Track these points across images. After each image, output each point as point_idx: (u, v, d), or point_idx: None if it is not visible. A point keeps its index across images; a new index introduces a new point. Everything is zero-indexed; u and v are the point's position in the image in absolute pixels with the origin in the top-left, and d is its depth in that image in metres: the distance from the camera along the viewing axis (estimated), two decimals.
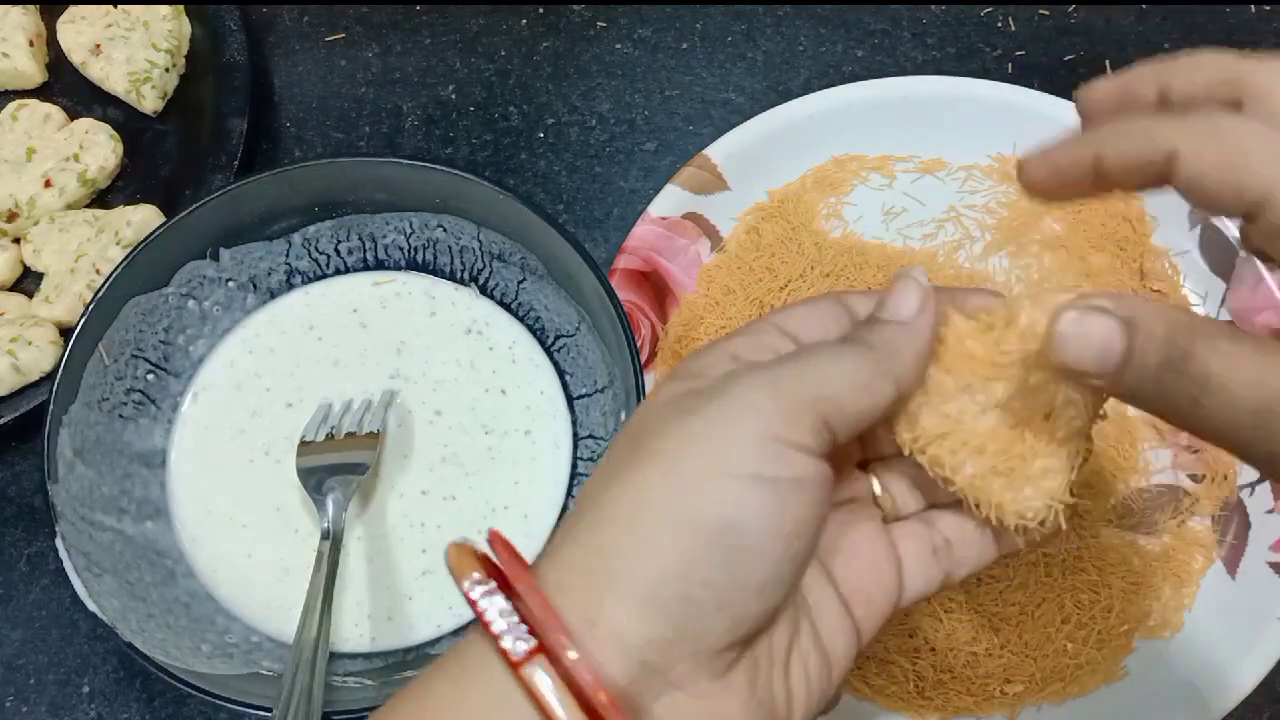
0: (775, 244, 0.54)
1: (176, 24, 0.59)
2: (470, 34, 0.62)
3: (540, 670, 0.25)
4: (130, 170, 0.58)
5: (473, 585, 0.26)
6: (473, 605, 0.26)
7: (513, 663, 0.25)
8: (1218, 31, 0.60)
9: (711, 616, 0.26)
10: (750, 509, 0.26)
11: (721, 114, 0.59)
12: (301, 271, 0.52)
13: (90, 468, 0.45)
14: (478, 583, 0.26)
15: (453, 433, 0.49)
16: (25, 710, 0.48)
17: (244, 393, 0.50)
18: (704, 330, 0.52)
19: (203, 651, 0.43)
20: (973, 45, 0.60)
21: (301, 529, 0.48)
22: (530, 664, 0.25)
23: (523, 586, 0.26)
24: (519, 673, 0.25)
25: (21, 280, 0.56)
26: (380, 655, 0.46)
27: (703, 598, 0.26)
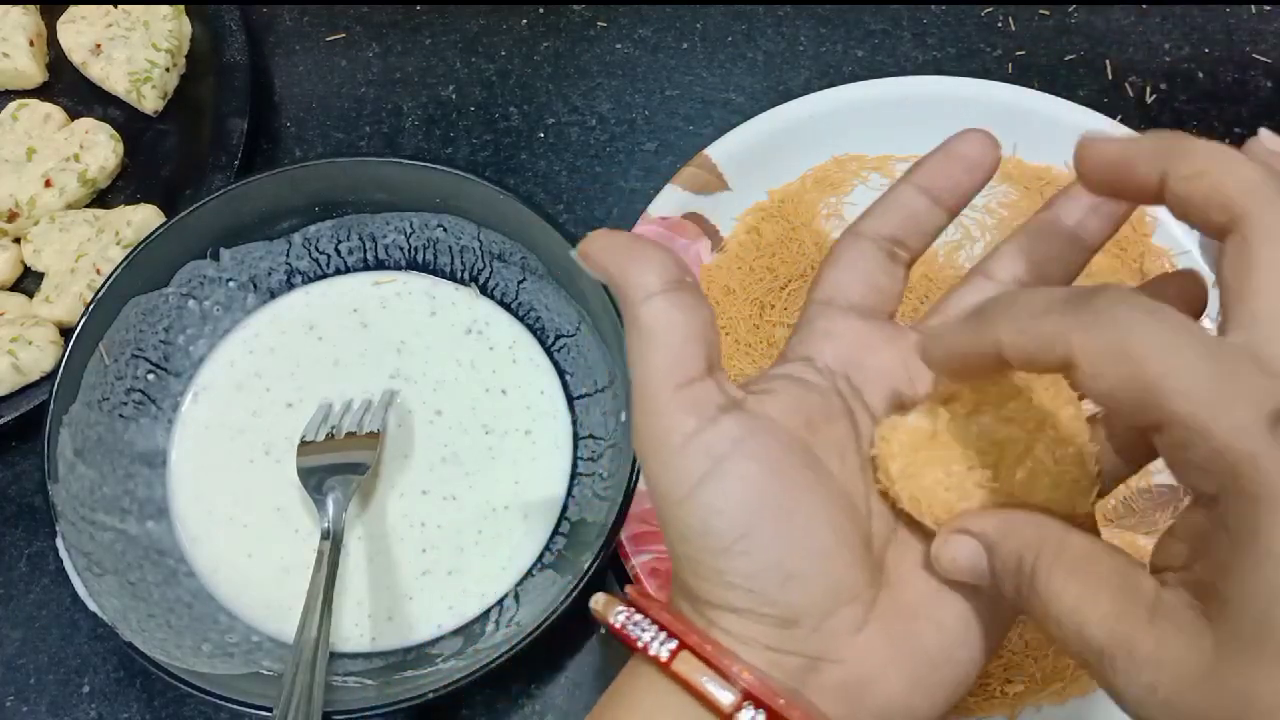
0: (775, 244, 0.54)
1: (177, 24, 0.59)
2: (470, 34, 0.62)
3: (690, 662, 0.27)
4: (130, 170, 0.58)
5: (614, 614, 0.29)
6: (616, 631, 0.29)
7: (659, 662, 0.27)
8: (1218, 31, 0.60)
9: (785, 596, 0.27)
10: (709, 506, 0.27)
11: (722, 114, 0.59)
12: (302, 271, 0.52)
13: (91, 468, 0.45)
14: (619, 612, 0.29)
15: (453, 432, 0.49)
16: (25, 710, 0.48)
17: (244, 392, 0.50)
18: None
19: (203, 651, 0.43)
20: (973, 45, 0.60)
21: (301, 529, 0.48)
22: (678, 660, 0.27)
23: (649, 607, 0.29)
24: (670, 669, 0.27)
25: (22, 280, 0.56)
26: (380, 655, 0.46)
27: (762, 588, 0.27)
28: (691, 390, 0.28)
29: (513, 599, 0.46)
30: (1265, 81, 0.59)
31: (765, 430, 0.28)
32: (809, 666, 0.27)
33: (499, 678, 0.44)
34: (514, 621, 0.45)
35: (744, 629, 0.27)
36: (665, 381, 0.28)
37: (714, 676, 0.27)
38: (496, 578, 0.47)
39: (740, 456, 0.27)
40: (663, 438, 0.28)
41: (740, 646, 0.27)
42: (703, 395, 0.28)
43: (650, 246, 0.29)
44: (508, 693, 0.47)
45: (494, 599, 0.46)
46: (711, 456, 0.27)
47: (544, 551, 0.47)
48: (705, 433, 0.27)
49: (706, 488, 0.27)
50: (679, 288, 0.28)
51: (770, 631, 0.27)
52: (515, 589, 0.47)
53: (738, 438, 0.27)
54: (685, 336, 0.28)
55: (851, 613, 0.28)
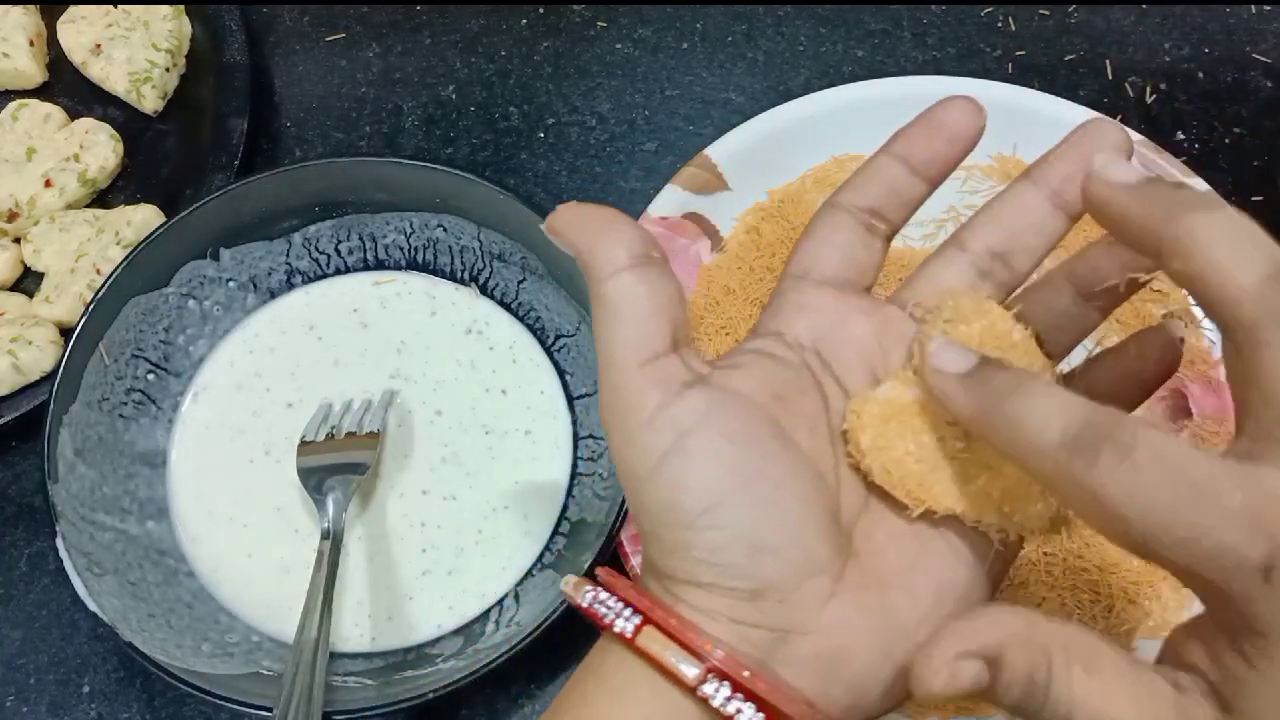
0: (775, 244, 0.54)
1: (177, 24, 0.59)
2: (470, 34, 0.62)
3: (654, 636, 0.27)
4: (130, 170, 0.58)
5: (582, 594, 0.29)
6: (585, 610, 0.29)
7: (624, 638, 0.27)
8: (1218, 31, 0.60)
9: (754, 568, 0.27)
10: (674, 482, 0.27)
11: (722, 114, 0.59)
12: (302, 271, 0.52)
13: (91, 468, 0.45)
14: (587, 591, 0.29)
15: (453, 432, 0.49)
16: (25, 710, 0.48)
17: (244, 392, 0.50)
18: (704, 330, 0.52)
19: (203, 651, 0.43)
20: (973, 45, 0.60)
21: (301, 529, 0.48)
22: (642, 635, 0.27)
23: (616, 585, 0.28)
24: (634, 644, 0.27)
25: (22, 280, 0.56)
26: (380, 655, 0.46)
27: (729, 561, 0.27)
28: (657, 366, 0.28)
29: (513, 599, 0.46)
30: (1265, 81, 0.59)
31: (731, 404, 0.28)
32: (777, 639, 0.27)
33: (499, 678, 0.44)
34: (514, 621, 0.45)
35: (710, 603, 0.27)
36: (630, 357, 0.28)
37: (678, 650, 0.27)
38: (496, 578, 0.47)
39: (705, 431, 0.27)
40: (627, 414, 0.28)
41: (706, 621, 0.27)
42: (668, 370, 0.28)
43: (618, 220, 0.29)
44: (508, 693, 0.47)
45: (494, 599, 0.46)
46: (676, 431, 0.27)
47: (544, 551, 0.47)
48: (670, 408, 0.27)
49: (671, 463, 0.27)
50: (645, 263, 0.28)
51: (737, 605, 0.27)
52: (515, 589, 0.47)
53: (703, 412, 0.27)
54: (650, 311, 0.28)
55: (818, 584, 0.28)
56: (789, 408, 0.29)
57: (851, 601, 0.28)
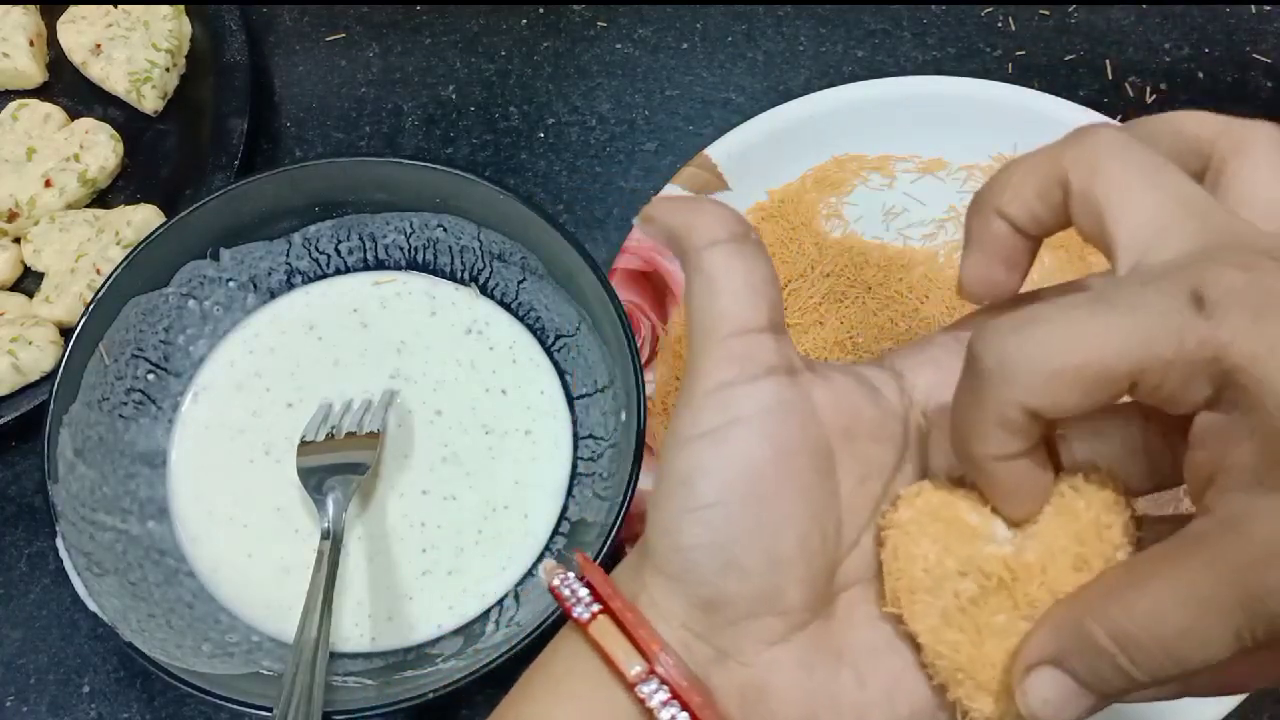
0: (775, 244, 0.54)
1: (177, 24, 0.59)
2: (470, 34, 0.62)
3: (606, 627, 0.27)
4: (130, 170, 0.58)
5: (554, 576, 0.29)
6: (552, 591, 0.29)
7: (580, 623, 0.27)
8: (1218, 31, 0.60)
9: (719, 580, 0.26)
10: (700, 463, 0.26)
11: (721, 114, 0.59)
12: (302, 271, 0.52)
13: (91, 468, 0.45)
14: (558, 575, 0.29)
15: (453, 432, 0.49)
16: (25, 710, 0.48)
17: (244, 393, 0.50)
18: None
19: (203, 651, 0.43)
20: (973, 45, 0.60)
21: (301, 529, 0.48)
22: (595, 624, 0.27)
23: (589, 571, 0.28)
24: (587, 632, 0.27)
25: (22, 280, 0.56)
26: (380, 655, 0.46)
27: (701, 562, 0.26)
28: (744, 340, 0.26)
29: (513, 599, 0.46)
30: (1265, 81, 0.59)
31: (795, 411, 0.26)
32: (716, 659, 0.27)
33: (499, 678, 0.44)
34: (514, 621, 0.45)
35: (669, 601, 0.27)
36: (721, 327, 0.26)
37: (627, 645, 0.26)
38: (496, 578, 0.47)
39: (753, 426, 0.26)
40: (696, 379, 0.27)
41: (660, 621, 0.27)
42: (755, 348, 0.26)
43: (715, 203, 0.28)
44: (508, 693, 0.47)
45: (494, 599, 0.46)
46: (729, 414, 0.26)
47: (544, 551, 0.47)
48: (736, 387, 0.26)
49: (707, 441, 0.26)
50: (744, 239, 0.27)
51: (691, 611, 0.27)
52: (515, 589, 0.47)
53: (763, 408, 0.26)
54: (748, 284, 0.27)
55: (774, 624, 0.27)
56: (855, 447, 0.28)
57: (797, 655, 0.27)
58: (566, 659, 0.28)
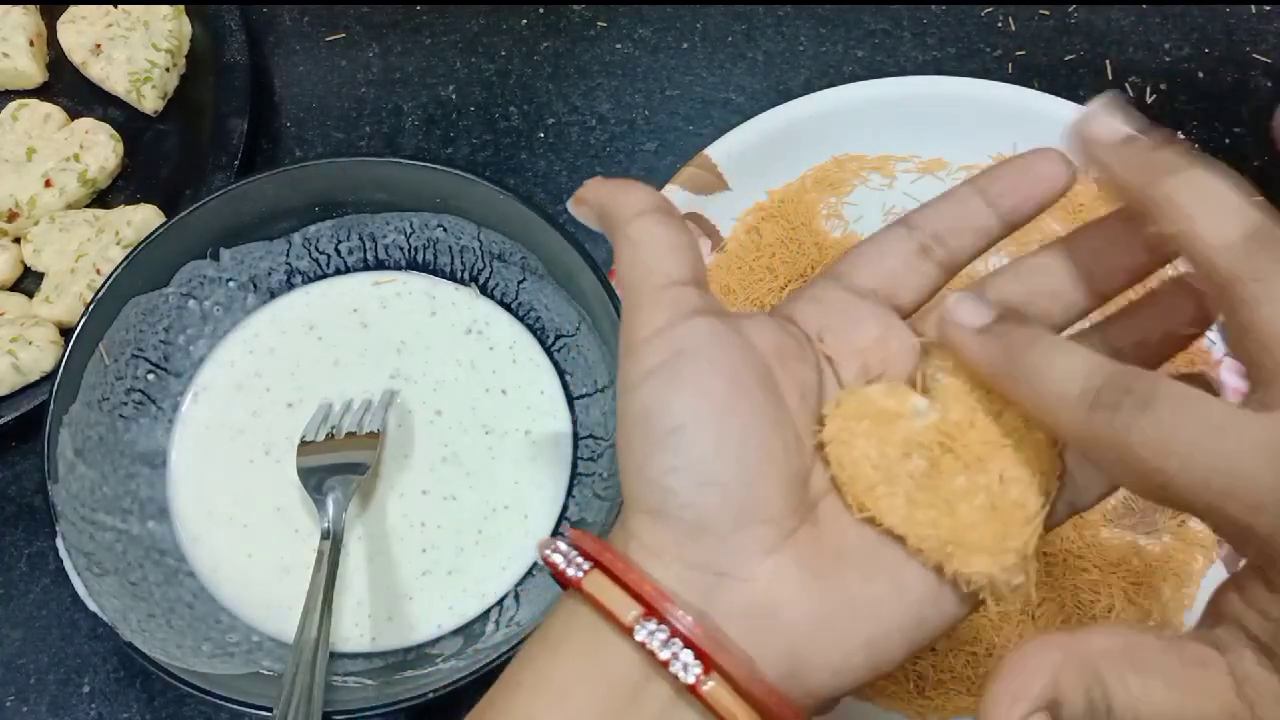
0: (775, 244, 0.54)
1: (177, 24, 0.59)
2: (471, 34, 0.62)
3: (598, 580, 0.27)
4: (130, 170, 0.58)
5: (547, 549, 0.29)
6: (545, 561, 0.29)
7: (574, 582, 0.28)
8: (1218, 31, 0.60)
9: (699, 499, 0.27)
10: (655, 398, 0.28)
11: (721, 114, 0.59)
12: (302, 271, 0.52)
13: (91, 468, 0.45)
14: (549, 545, 0.29)
15: (453, 432, 0.49)
16: (25, 710, 0.48)
17: (244, 393, 0.50)
18: None
19: (203, 651, 0.43)
20: (973, 45, 0.60)
21: (301, 529, 0.48)
22: (588, 579, 0.28)
23: (579, 538, 0.29)
24: (581, 588, 0.28)
25: (22, 280, 0.56)
26: (380, 655, 0.46)
27: (677, 486, 0.27)
28: (672, 290, 0.29)
29: (513, 599, 0.46)
30: (1265, 81, 0.59)
31: (732, 340, 0.28)
32: (715, 583, 0.27)
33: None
34: (514, 621, 0.45)
35: (657, 537, 0.27)
36: (648, 281, 0.29)
37: (621, 594, 0.27)
38: (496, 578, 0.47)
39: (698, 356, 0.28)
40: (633, 329, 0.29)
41: (652, 560, 0.27)
42: (681, 296, 0.29)
43: (638, 183, 0.30)
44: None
45: (494, 599, 0.46)
46: (673, 349, 0.28)
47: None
48: (675, 328, 0.28)
49: (657, 376, 0.28)
50: (666, 211, 0.30)
51: (680, 541, 0.27)
52: (515, 589, 0.47)
53: (703, 338, 0.28)
54: (670, 247, 0.29)
55: (764, 532, 0.27)
56: (788, 368, 0.29)
57: (795, 559, 0.27)
58: (563, 622, 0.28)
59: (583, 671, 0.27)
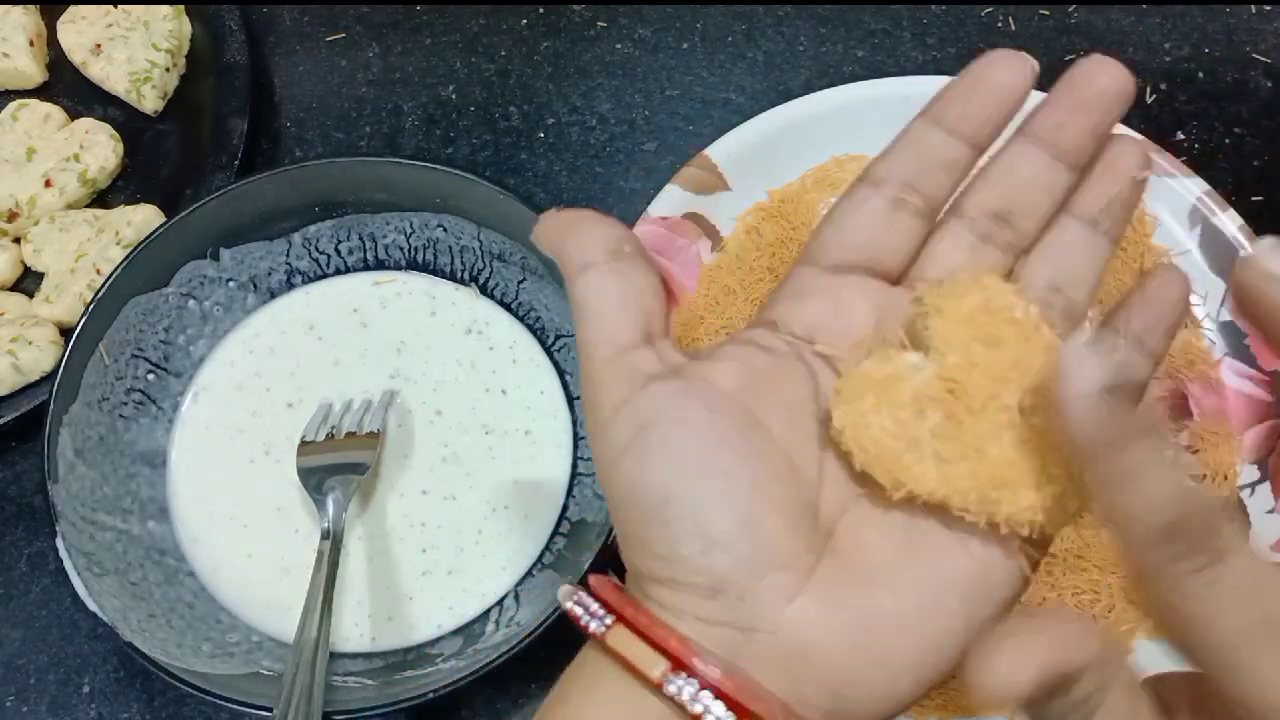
0: (775, 244, 0.54)
1: (177, 24, 0.59)
2: (471, 34, 0.62)
3: (622, 634, 0.27)
4: (130, 170, 0.58)
5: (568, 599, 0.28)
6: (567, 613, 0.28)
7: (598, 637, 0.27)
8: (1218, 31, 0.60)
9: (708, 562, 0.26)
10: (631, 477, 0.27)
11: (721, 114, 0.59)
12: (302, 271, 0.52)
13: (91, 468, 0.45)
14: (571, 595, 0.28)
15: (453, 432, 0.49)
16: (25, 710, 0.48)
17: (244, 393, 0.50)
18: (704, 330, 0.52)
19: (204, 651, 0.43)
20: (973, 45, 0.60)
21: (301, 529, 0.48)
22: (611, 634, 0.27)
23: (599, 588, 0.28)
24: (605, 644, 0.27)
25: (22, 280, 0.56)
26: (380, 655, 0.46)
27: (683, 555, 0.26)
28: (625, 359, 0.28)
29: (513, 599, 0.46)
30: (1265, 81, 0.59)
31: (695, 394, 0.27)
32: (742, 639, 0.26)
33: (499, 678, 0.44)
34: (514, 621, 0.45)
35: (676, 601, 0.27)
36: (600, 351, 0.28)
37: (645, 649, 0.26)
38: (496, 578, 0.47)
39: (664, 423, 0.27)
40: (594, 407, 0.28)
41: (674, 620, 0.27)
42: (635, 363, 0.28)
43: (588, 218, 0.29)
44: (508, 693, 0.47)
45: (494, 599, 0.46)
46: (636, 424, 0.27)
47: (544, 551, 0.47)
48: (632, 401, 0.27)
49: (630, 455, 0.27)
50: (616, 258, 0.28)
51: (698, 602, 0.26)
52: (515, 589, 0.47)
53: (663, 404, 0.27)
54: (617, 307, 0.28)
55: (780, 580, 0.26)
56: (766, 396, 0.28)
57: (820, 599, 0.27)
58: (594, 660, 0.28)
59: (618, 715, 0.27)
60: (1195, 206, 0.53)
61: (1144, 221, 0.53)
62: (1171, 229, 0.53)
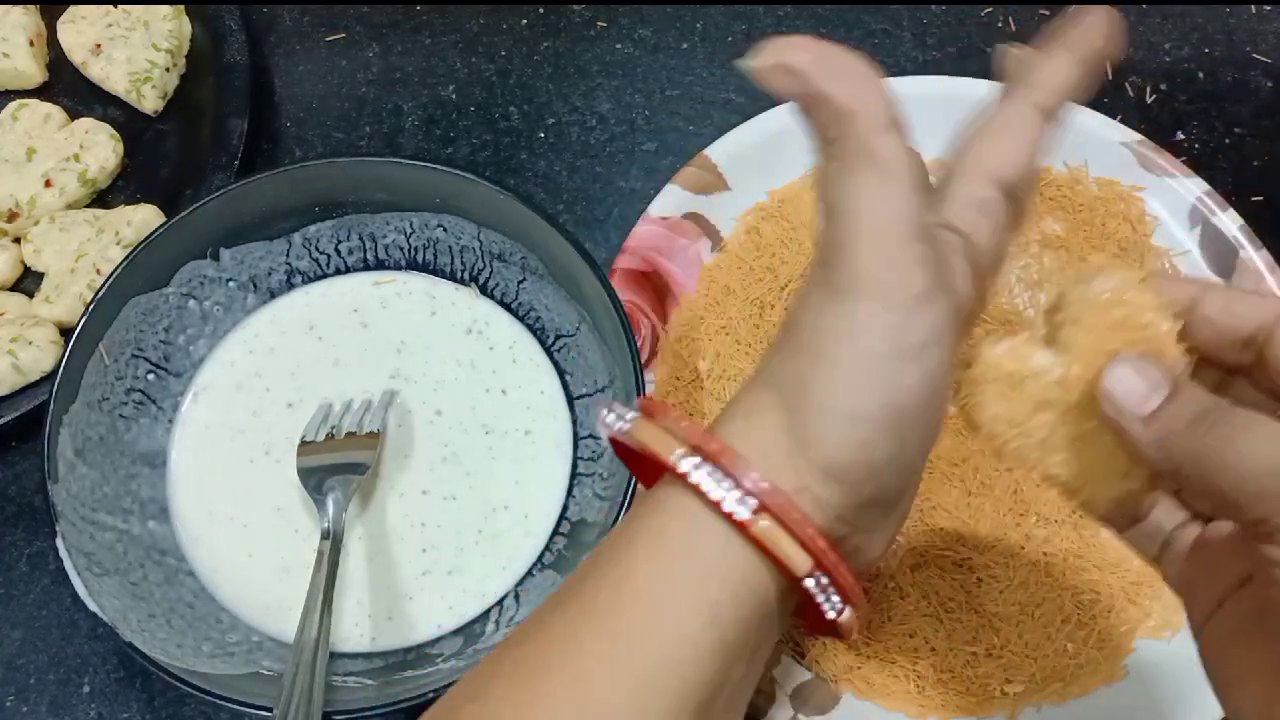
0: (775, 244, 0.54)
1: (177, 24, 0.59)
2: (471, 34, 0.62)
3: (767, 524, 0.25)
4: (130, 170, 0.58)
5: (680, 459, 0.26)
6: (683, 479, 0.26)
7: (741, 523, 0.25)
8: (1218, 31, 0.60)
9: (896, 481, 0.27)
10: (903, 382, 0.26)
11: (721, 114, 0.59)
12: (302, 271, 0.52)
13: (92, 468, 0.45)
14: (684, 456, 0.26)
15: (453, 432, 0.49)
16: (25, 710, 0.48)
17: (244, 393, 0.50)
18: (704, 330, 0.52)
19: (204, 651, 0.43)
20: (973, 45, 0.60)
21: (302, 529, 0.48)
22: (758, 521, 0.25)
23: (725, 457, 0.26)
24: (750, 531, 0.25)
25: (22, 280, 0.56)
26: (380, 655, 0.46)
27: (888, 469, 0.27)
28: (924, 246, 0.25)
29: (513, 599, 0.46)
30: (1265, 81, 0.59)
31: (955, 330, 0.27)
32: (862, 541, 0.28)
33: None
34: (514, 621, 0.45)
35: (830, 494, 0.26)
36: (903, 225, 0.25)
37: (791, 541, 0.25)
38: (496, 578, 0.47)
39: (942, 350, 0.26)
40: (898, 286, 0.25)
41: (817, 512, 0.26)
42: (931, 255, 0.26)
43: (872, 72, 0.25)
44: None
45: (494, 599, 0.46)
46: (926, 333, 0.25)
47: (544, 551, 0.47)
48: (933, 304, 0.26)
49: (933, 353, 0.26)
50: (905, 130, 0.26)
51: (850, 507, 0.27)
52: (515, 589, 0.47)
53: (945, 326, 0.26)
54: (922, 183, 0.26)
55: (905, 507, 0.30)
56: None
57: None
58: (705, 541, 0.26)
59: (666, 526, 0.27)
60: (1195, 206, 0.53)
61: (1144, 221, 0.53)
62: (1171, 229, 0.53)
